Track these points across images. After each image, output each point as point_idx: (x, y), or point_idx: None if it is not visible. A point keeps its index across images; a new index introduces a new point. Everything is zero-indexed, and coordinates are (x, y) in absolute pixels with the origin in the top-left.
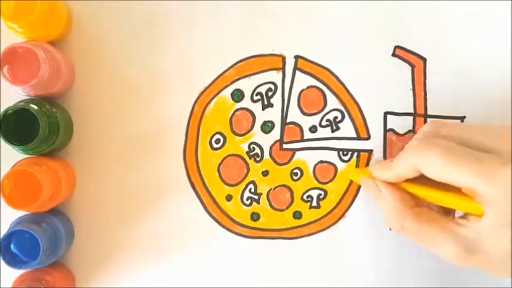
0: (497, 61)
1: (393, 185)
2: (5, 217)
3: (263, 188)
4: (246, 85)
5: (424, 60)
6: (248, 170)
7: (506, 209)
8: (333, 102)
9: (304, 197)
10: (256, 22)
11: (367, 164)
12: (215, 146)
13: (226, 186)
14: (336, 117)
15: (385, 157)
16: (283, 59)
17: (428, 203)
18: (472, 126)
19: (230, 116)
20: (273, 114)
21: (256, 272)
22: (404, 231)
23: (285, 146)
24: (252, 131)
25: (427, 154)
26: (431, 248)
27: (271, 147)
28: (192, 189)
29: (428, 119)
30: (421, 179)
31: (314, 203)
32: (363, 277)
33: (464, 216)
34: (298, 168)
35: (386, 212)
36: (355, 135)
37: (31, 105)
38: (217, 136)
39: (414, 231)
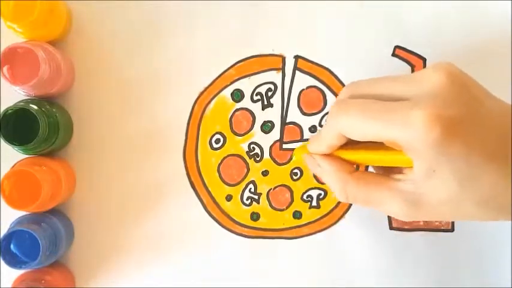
0: (497, 61)
1: (329, 155)
2: (5, 217)
3: (263, 188)
4: (246, 85)
5: (424, 60)
6: (248, 170)
7: (429, 151)
8: (333, 102)
9: (304, 197)
10: (256, 22)
11: (367, 165)
12: (215, 146)
13: (226, 186)
14: None
15: None
16: (283, 59)
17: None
18: (383, 79)
19: (230, 116)
20: (273, 114)
21: (256, 272)
22: (350, 198)
23: (284, 146)
24: (251, 131)
25: (343, 116)
26: (379, 209)
27: (271, 147)
28: (192, 189)
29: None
30: (353, 144)
31: (314, 203)
32: (362, 277)
33: (401, 171)
34: (298, 168)
35: (329, 184)
36: None
37: (31, 105)
38: (217, 136)
39: (358, 197)
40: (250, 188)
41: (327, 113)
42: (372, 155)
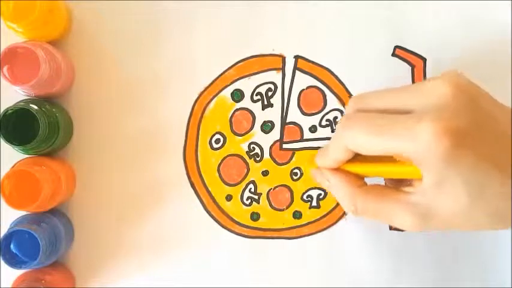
0: (497, 61)
1: (337, 169)
2: (5, 217)
3: (263, 188)
4: (246, 85)
5: (424, 60)
6: (248, 169)
7: (438, 164)
8: (333, 102)
9: (304, 197)
10: (256, 22)
11: None
12: (215, 146)
13: (226, 186)
14: (336, 117)
15: None
16: (283, 59)
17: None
18: (389, 91)
19: (230, 116)
20: (273, 114)
21: (256, 272)
22: (359, 212)
23: (284, 146)
24: (252, 131)
25: (349, 132)
26: (389, 223)
27: (271, 147)
28: (192, 189)
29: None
30: (361, 157)
31: (314, 203)
32: (362, 277)
33: (410, 184)
34: (298, 168)
35: (339, 198)
36: None
37: (31, 105)
38: (217, 136)
39: (367, 210)
40: (250, 188)
41: (327, 113)
42: (380, 167)
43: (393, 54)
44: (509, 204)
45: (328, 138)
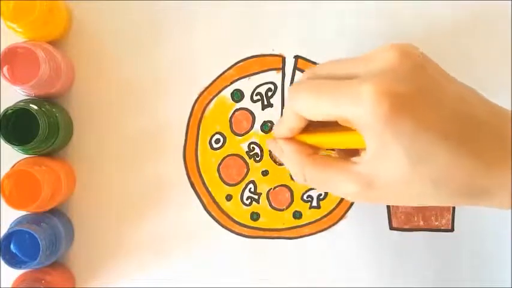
0: (497, 61)
1: (291, 139)
2: (5, 217)
3: (263, 188)
4: (246, 85)
5: None
6: (248, 169)
7: (378, 128)
8: None
9: (304, 197)
10: (256, 22)
11: None
12: (215, 146)
13: (226, 186)
14: None
15: None
16: (283, 59)
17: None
18: (339, 60)
19: (230, 116)
20: (273, 114)
21: (256, 272)
22: (308, 181)
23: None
24: (251, 131)
25: (298, 96)
26: (335, 192)
27: None
28: (192, 189)
29: None
30: (314, 129)
31: (314, 203)
32: (362, 277)
33: (358, 153)
34: None
35: (288, 166)
36: None
37: (31, 105)
38: (217, 136)
39: (315, 179)
40: (250, 188)
41: None
42: (329, 137)
43: None
44: (453, 176)
45: None
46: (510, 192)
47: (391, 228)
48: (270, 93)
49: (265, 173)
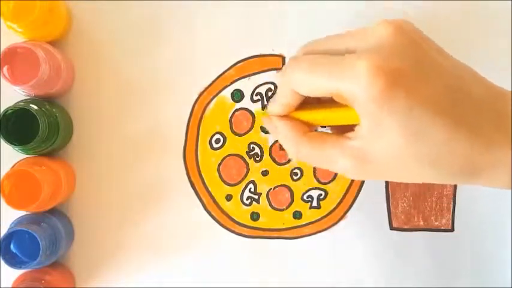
0: (497, 61)
1: (286, 116)
2: (5, 217)
3: (263, 188)
4: (246, 85)
5: None
6: (248, 169)
7: (373, 103)
8: None
9: (305, 197)
10: (256, 22)
11: None
12: (215, 146)
13: (226, 186)
14: None
15: None
16: (283, 59)
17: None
18: (335, 35)
19: (230, 116)
20: None
21: (256, 272)
22: (303, 158)
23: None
24: (251, 131)
25: (293, 71)
26: (330, 168)
27: (271, 147)
28: (192, 189)
29: None
30: (309, 106)
31: (314, 203)
32: (363, 277)
33: (352, 129)
34: (298, 168)
35: (283, 143)
36: None
37: (31, 105)
38: (217, 136)
39: (310, 156)
40: (250, 188)
41: None
42: (323, 113)
43: None
44: (448, 153)
45: None
46: (510, 171)
47: (391, 228)
48: (270, 93)
49: (265, 173)
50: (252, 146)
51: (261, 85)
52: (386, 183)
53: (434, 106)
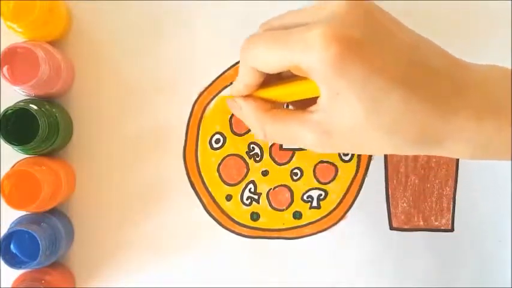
0: (497, 61)
1: (249, 96)
2: (5, 217)
3: (263, 188)
4: None
5: None
6: (248, 169)
7: (329, 72)
8: None
9: (305, 197)
10: (256, 22)
11: (368, 166)
12: (215, 146)
13: (226, 186)
14: None
15: (385, 158)
16: None
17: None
18: (290, 12)
19: (230, 116)
20: None
21: (256, 272)
22: (269, 136)
23: (284, 145)
24: (251, 131)
25: (249, 48)
26: (297, 144)
27: (271, 147)
28: (192, 189)
29: None
30: (271, 83)
31: (314, 203)
32: (363, 277)
33: (314, 102)
34: (298, 168)
35: (248, 123)
36: None
37: (31, 105)
38: (217, 136)
39: (276, 134)
40: (250, 188)
41: None
42: (284, 88)
43: None
44: (405, 122)
45: None
46: (468, 141)
47: (391, 228)
48: None
49: (265, 173)
50: (252, 146)
51: None
52: (386, 183)
53: (390, 76)
